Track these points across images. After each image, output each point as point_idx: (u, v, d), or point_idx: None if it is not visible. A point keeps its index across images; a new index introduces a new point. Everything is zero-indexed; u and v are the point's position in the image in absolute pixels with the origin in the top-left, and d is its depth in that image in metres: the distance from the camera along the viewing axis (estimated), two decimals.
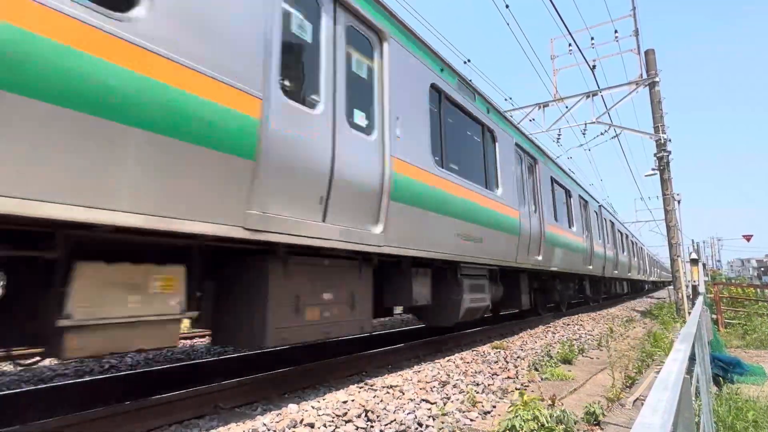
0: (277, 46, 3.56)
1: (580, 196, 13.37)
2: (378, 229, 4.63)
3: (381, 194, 4.63)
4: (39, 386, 4.43)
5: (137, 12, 2.61)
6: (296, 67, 3.89)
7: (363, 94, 4.63)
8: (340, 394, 4.05)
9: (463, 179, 6.32)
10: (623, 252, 20.51)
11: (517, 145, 8.69)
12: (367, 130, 4.57)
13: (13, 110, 2.09)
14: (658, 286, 51.24)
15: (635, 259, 25.16)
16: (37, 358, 3.07)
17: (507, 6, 12.13)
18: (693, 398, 2.30)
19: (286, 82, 3.73)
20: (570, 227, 11.89)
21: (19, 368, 5.73)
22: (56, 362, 6.18)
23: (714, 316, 11.21)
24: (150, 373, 5.04)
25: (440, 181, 5.70)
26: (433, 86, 5.86)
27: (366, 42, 4.74)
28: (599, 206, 16.26)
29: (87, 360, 6.33)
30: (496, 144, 7.75)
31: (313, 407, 3.64)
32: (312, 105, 3.92)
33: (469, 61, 15.42)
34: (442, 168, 5.89)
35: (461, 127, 6.83)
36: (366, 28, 4.71)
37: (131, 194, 2.54)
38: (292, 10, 3.86)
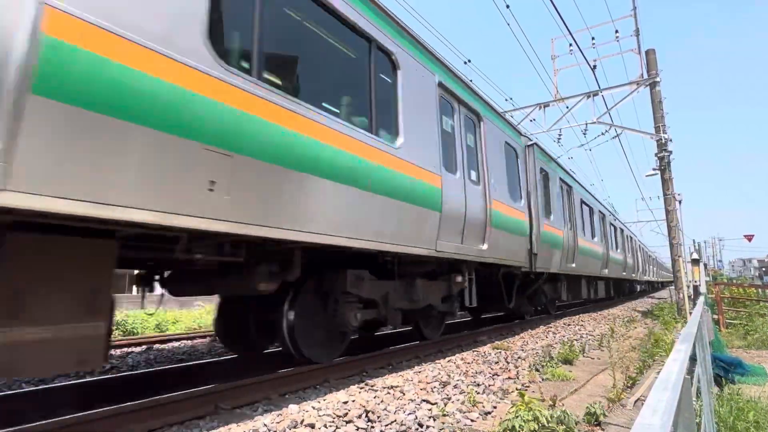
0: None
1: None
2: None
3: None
4: (39, 386, 4.44)
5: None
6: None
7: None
8: (341, 395, 4.05)
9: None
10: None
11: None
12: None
13: None
14: (655, 287, 48.28)
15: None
16: None
17: (507, 6, 12.13)
18: (694, 398, 2.29)
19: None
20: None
21: None
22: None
23: (715, 317, 11.19)
24: (150, 373, 5.04)
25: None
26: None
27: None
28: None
29: None
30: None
31: (313, 407, 3.64)
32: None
33: (469, 61, 15.42)
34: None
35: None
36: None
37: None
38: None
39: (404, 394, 4.15)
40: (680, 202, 14.76)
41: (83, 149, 2.48)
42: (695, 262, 13.10)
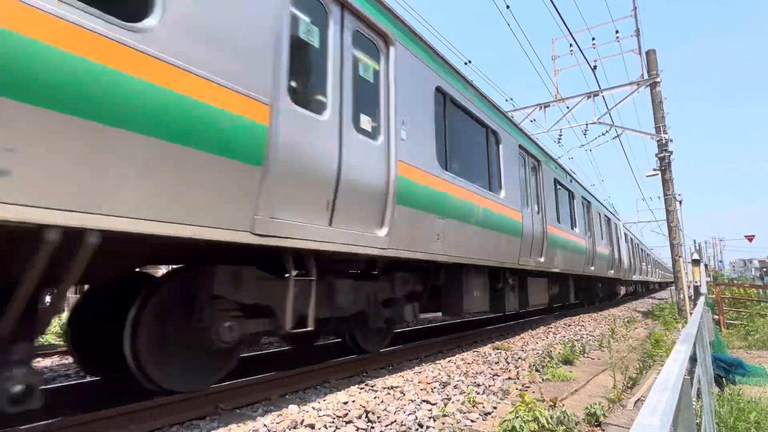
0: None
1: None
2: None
3: None
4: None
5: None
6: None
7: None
8: (341, 395, 4.05)
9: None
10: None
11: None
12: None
13: None
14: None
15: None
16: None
17: (508, 6, 12.13)
18: (695, 399, 2.29)
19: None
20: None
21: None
22: (57, 363, 6.20)
23: (716, 317, 11.19)
24: None
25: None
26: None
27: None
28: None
29: None
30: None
31: (313, 408, 3.65)
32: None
33: (470, 62, 15.42)
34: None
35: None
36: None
37: None
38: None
39: (404, 395, 4.15)
40: (681, 202, 14.75)
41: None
42: (696, 262, 13.10)
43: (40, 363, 6.19)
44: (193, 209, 2.84)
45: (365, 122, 4.55)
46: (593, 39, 15.87)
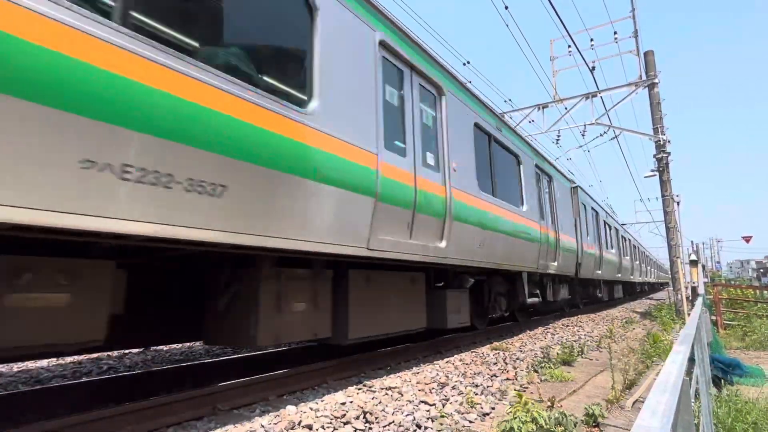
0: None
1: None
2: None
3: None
4: (36, 387, 4.42)
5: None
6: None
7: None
8: (339, 396, 4.04)
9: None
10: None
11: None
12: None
13: None
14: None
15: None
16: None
17: (506, 7, 12.15)
18: (692, 400, 2.29)
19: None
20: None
21: (16, 369, 5.72)
22: (54, 363, 6.17)
23: (713, 318, 11.21)
24: (148, 374, 5.02)
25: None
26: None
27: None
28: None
29: (85, 361, 6.31)
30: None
31: (311, 408, 3.63)
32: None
33: (468, 62, 15.44)
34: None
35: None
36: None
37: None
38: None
39: (402, 395, 4.14)
40: (679, 203, 14.78)
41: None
42: (693, 263, 13.12)
43: (36, 364, 6.16)
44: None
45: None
46: (592, 40, 15.89)
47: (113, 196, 2.46)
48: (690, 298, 12.61)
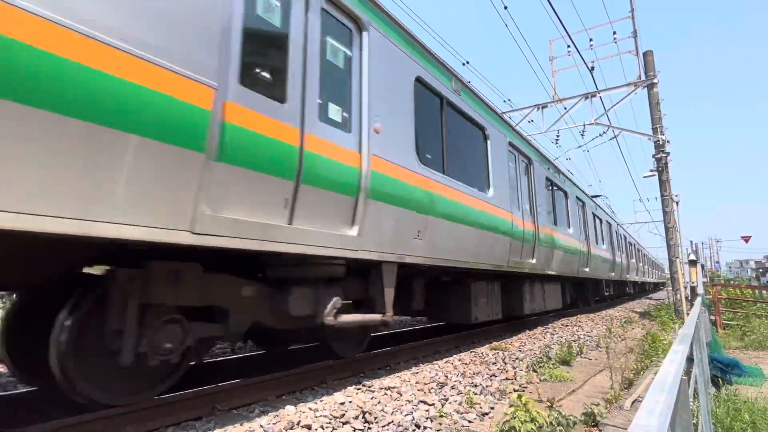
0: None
1: None
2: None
3: None
4: (34, 388, 4.41)
5: None
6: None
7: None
8: (338, 396, 4.04)
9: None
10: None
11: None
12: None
13: None
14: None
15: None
16: None
17: (506, 7, 12.16)
18: (691, 400, 2.29)
19: None
20: None
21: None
22: None
23: (713, 318, 11.21)
24: None
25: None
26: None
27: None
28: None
29: None
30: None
31: (310, 409, 3.63)
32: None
33: (468, 62, 15.44)
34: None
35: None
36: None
37: None
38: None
39: (401, 395, 4.14)
40: (678, 203, 14.78)
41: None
42: (692, 263, 13.13)
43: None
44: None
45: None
46: (591, 40, 15.89)
47: None
48: (689, 297, 12.62)
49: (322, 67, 4.18)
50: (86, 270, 3.52)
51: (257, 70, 3.58)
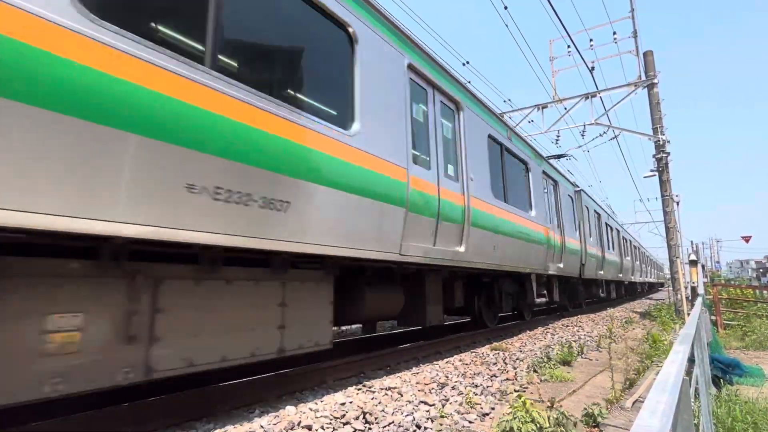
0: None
1: None
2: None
3: None
4: None
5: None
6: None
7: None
8: (339, 396, 4.03)
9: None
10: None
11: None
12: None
13: None
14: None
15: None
16: None
17: (506, 7, 12.15)
18: (692, 400, 2.28)
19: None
20: None
21: None
22: None
23: (713, 318, 11.20)
24: None
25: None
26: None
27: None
28: None
29: None
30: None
31: (311, 409, 3.63)
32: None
33: (468, 62, 15.43)
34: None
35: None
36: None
37: None
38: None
39: (402, 396, 4.14)
40: (678, 203, 14.77)
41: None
42: (693, 263, 13.12)
43: None
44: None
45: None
46: (591, 40, 15.89)
47: None
48: (690, 298, 12.62)
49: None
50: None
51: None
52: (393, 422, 3.41)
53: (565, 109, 15.58)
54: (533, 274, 9.61)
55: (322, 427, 3.25)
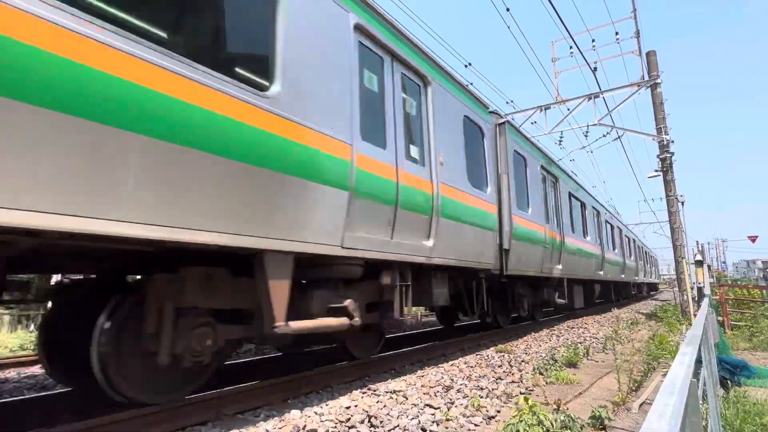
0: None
1: None
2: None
3: None
4: (41, 393, 4.43)
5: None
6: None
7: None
8: (344, 400, 4.02)
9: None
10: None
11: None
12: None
13: None
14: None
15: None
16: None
17: (508, 9, 12.17)
18: (700, 402, 2.26)
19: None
20: None
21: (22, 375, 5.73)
22: None
23: (720, 318, 11.12)
24: None
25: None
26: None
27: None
28: None
29: None
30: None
31: (316, 413, 3.62)
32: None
33: (470, 64, 15.45)
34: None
35: None
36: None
37: None
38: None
39: (407, 399, 4.13)
40: (683, 203, 14.69)
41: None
42: (699, 263, 13.04)
43: (42, 370, 6.17)
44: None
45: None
46: (593, 41, 15.88)
47: None
48: (696, 298, 12.53)
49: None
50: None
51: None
52: (398, 426, 3.40)
53: (568, 110, 15.55)
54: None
55: (328, 431, 3.24)
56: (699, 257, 13.82)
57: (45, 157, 2.23)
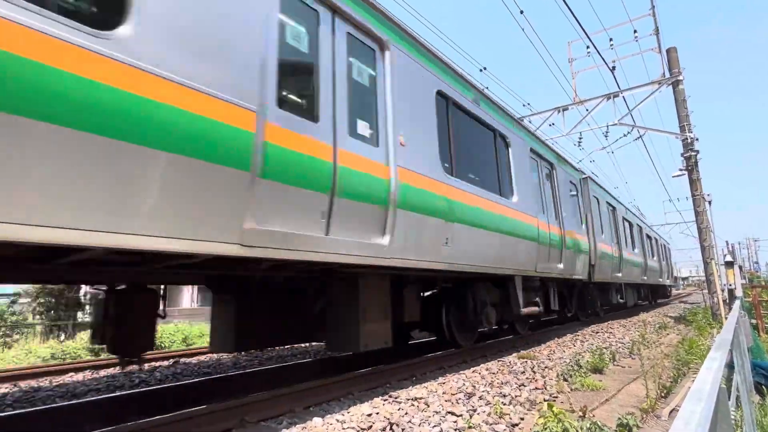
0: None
1: None
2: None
3: None
4: (72, 402, 4.56)
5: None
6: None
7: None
8: (365, 407, 4.02)
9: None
10: None
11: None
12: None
13: None
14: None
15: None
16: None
17: (521, 12, 12.10)
18: (734, 408, 2.19)
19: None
20: None
21: (55, 384, 5.91)
22: (89, 377, 6.36)
23: (754, 321, 10.70)
24: (178, 387, 5.12)
25: None
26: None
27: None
28: None
29: (117, 374, 6.49)
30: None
31: (337, 420, 3.63)
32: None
33: (485, 68, 15.39)
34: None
35: None
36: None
37: None
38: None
39: (429, 406, 4.10)
40: (710, 202, 14.26)
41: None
42: (729, 264, 12.61)
43: (72, 378, 6.37)
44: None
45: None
46: (611, 40, 15.64)
47: None
48: (727, 301, 12.10)
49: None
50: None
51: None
52: None
53: (587, 110, 15.32)
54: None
55: None
56: (729, 258, 13.36)
57: None
